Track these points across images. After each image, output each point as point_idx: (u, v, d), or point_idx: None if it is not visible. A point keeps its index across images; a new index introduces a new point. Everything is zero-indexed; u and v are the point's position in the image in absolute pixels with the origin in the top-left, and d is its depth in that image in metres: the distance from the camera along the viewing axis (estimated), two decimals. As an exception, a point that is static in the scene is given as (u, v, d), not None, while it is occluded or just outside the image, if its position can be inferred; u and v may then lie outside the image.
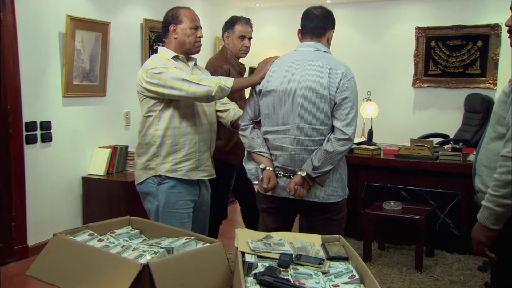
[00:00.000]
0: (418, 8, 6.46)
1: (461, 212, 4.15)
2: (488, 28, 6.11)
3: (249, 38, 3.58)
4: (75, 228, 1.97)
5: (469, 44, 6.20)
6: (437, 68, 6.33)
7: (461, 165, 4.08)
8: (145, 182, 2.62)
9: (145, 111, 2.58)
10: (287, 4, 7.02)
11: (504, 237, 1.85)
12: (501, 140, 1.87)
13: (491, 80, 6.12)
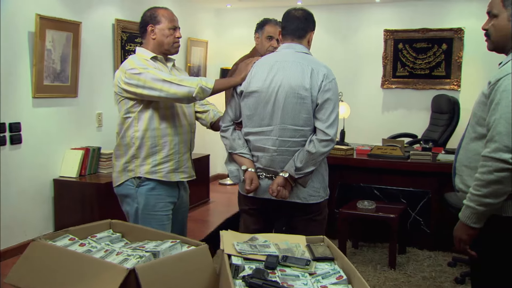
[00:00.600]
0: (386, 12, 6.54)
1: (431, 210, 4.21)
2: (452, 31, 6.24)
3: (277, 39, 3.42)
4: (55, 232, 1.90)
5: (435, 47, 6.31)
6: (405, 69, 6.42)
7: (431, 164, 4.15)
8: (124, 184, 2.54)
9: (124, 112, 2.51)
10: (258, 5, 7.00)
11: (485, 235, 1.87)
12: (480, 141, 1.89)
13: (455, 81, 6.24)
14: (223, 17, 7.33)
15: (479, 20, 6.07)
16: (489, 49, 1.99)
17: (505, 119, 1.73)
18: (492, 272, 1.92)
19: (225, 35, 7.34)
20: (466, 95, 6.10)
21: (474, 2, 6.15)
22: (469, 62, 6.21)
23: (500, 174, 1.75)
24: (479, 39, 6.08)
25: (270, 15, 6.98)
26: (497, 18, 1.90)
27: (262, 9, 7.09)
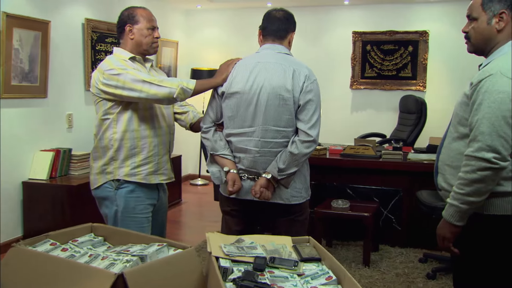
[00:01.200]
0: (355, 14, 6.60)
1: (402, 208, 4.27)
2: (417, 34, 6.35)
3: None
4: (35, 237, 1.80)
5: (401, 49, 6.41)
6: (373, 71, 6.50)
7: (402, 163, 4.20)
8: (102, 187, 2.47)
9: (102, 113, 2.43)
10: (228, 6, 6.96)
11: (467, 233, 1.89)
12: (463, 140, 1.91)
13: (421, 82, 6.35)
14: (193, 18, 7.25)
15: (443, 24, 6.27)
16: (469, 51, 2.02)
17: (488, 119, 1.76)
18: (474, 268, 1.94)
19: (195, 35, 7.27)
20: (432, 95, 6.23)
21: (438, 6, 6.29)
22: (434, 64, 6.34)
23: (483, 173, 1.77)
24: (443, 41, 6.29)
25: (240, 16, 7.05)
26: (476, 21, 1.93)
27: (232, 10, 7.07)
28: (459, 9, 6.18)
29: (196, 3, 6.80)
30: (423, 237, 4.23)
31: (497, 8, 1.87)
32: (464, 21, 5.70)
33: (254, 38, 7.44)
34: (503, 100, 1.74)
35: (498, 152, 1.75)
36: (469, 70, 6.16)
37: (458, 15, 6.23)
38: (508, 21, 1.87)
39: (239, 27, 7.05)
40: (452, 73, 6.28)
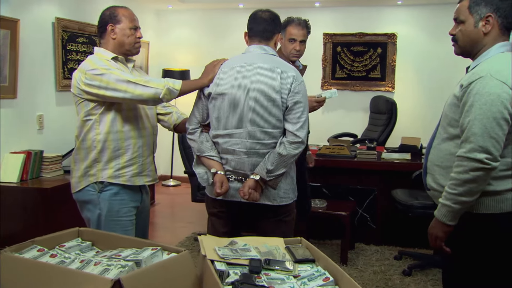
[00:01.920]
0: (326, 16, 6.64)
1: (377, 207, 4.31)
2: (386, 36, 6.45)
3: (300, 41, 3.23)
4: (20, 244, 1.73)
5: (370, 51, 6.49)
6: (343, 72, 6.55)
7: (377, 163, 4.25)
8: (84, 190, 2.39)
9: (83, 114, 2.35)
10: (199, 7, 6.89)
11: (457, 231, 1.91)
12: (452, 141, 1.94)
13: (390, 83, 6.45)
14: (164, 18, 7.15)
15: (410, 27, 6.38)
16: (456, 54, 2.04)
17: (479, 120, 1.78)
18: (465, 266, 1.96)
19: (166, 36, 7.17)
20: (400, 96, 6.33)
21: (405, 10, 6.40)
22: (402, 65, 6.45)
23: (475, 173, 1.79)
24: (410, 44, 6.39)
25: (212, 17, 6.99)
26: (464, 24, 1.95)
27: (203, 11, 7.01)
28: (425, 12, 6.34)
29: (167, 3, 6.71)
30: (397, 235, 4.30)
31: (483, 12, 1.89)
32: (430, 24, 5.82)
33: (225, 39, 7.45)
34: (494, 102, 1.77)
35: (489, 153, 1.78)
36: (436, 71, 6.33)
37: (425, 18, 6.38)
38: (494, 24, 1.90)
39: (210, 28, 6.99)
40: (419, 74, 6.40)
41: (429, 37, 6.36)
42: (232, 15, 6.88)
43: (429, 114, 6.20)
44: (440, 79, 6.27)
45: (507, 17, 1.89)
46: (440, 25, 6.33)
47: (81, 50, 5.27)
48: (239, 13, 6.88)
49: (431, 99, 6.31)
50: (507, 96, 1.77)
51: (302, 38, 3.23)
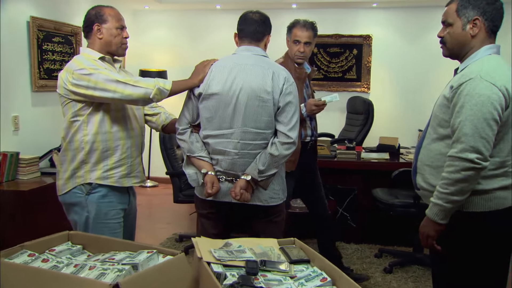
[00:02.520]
0: (302, 17, 6.56)
1: (357, 206, 4.34)
2: (361, 38, 6.52)
3: (304, 42, 3.25)
4: (9, 249, 1.67)
5: (346, 52, 6.55)
6: (320, 72, 6.59)
7: (357, 162, 4.28)
8: (71, 192, 2.32)
9: (71, 115, 2.29)
10: (176, 7, 6.82)
11: (447, 230, 1.94)
12: (442, 141, 1.96)
13: (365, 84, 6.52)
14: (141, 19, 7.05)
15: (385, 29, 6.46)
16: (444, 56, 2.06)
17: (470, 121, 1.80)
18: (455, 264, 1.99)
19: (143, 36, 7.07)
20: (375, 97, 6.39)
21: (380, 12, 6.48)
22: (377, 67, 6.52)
23: (466, 173, 1.82)
24: (385, 45, 6.47)
25: (189, 18, 6.93)
26: (452, 27, 1.97)
27: (181, 11, 6.94)
28: (400, 15, 6.43)
29: (144, 3, 6.62)
30: (377, 233, 4.34)
31: (471, 15, 1.92)
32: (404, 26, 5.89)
33: (203, 39, 7.38)
34: (484, 103, 1.79)
35: (480, 153, 1.80)
36: (410, 73, 6.43)
37: (399, 20, 6.47)
38: (481, 27, 1.93)
39: (188, 28, 6.94)
40: (394, 75, 6.49)
41: (403, 39, 6.45)
42: (209, 15, 6.84)
43: (404, 114, 6.30)
44: (414, 80, 6.38)
45: (493, 20, 1.93)
46: (413, 28, 6.46)
47: (57, 50, 5.15)
48: (216, 14, 6.85)
49: (405, 100, 6.41)
50: (497, 97, 1.80)
51: (306, 40, 3.23)
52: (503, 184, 1.91)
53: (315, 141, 3.50)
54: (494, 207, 1.91)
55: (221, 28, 6.87)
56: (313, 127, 3.40)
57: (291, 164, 3.18)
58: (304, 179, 3.41)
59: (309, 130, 3.36)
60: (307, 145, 3.36)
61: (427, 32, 6.29)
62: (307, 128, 3.33)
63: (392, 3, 6.26)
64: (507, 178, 1.92)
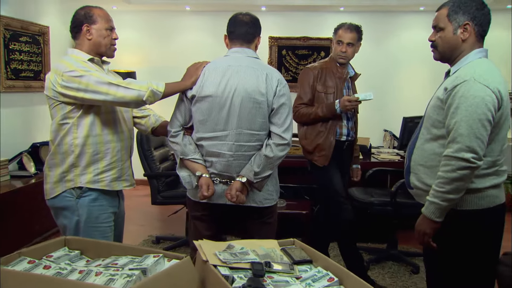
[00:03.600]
0: (271, 19, 6.68)
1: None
2: (329, 40, 6.57)
3: (347, 43, 3.30)
4: (6, 256, 1.59)
5: (314, 54, 6.61)
6: (289, 74, 6.62)
7: (331, 162, 4.31)
8: (61, 196, 2.24)
9: (60, 118, 2.21)
10: (145, 8, 6.70)
11: (443, 228, 1.98)
12: (436, 141, 2.00)
13: (332, 86, 6.58)
14: (109, 19, 6.89)
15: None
16: (435, 59, 2.11)
17: (466, 121, 1.85)
18: (449, 260, 2.03)
19: (110, 36, 6.90)
20: (342, 98, 6.48)
21: (347, 15, 6.55)
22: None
23: (462, 172, 1.86)
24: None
25: (158, 19, 6.83)
26: (443, 31, 2.02)
27: (149, 12, 6.82)
28: (365, 19, 6.51)
29: (112, 4, 6.47)
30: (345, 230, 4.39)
31: (461, 20, 1.98)
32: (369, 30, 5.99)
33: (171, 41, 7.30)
34: (478, 104, 1.84)
35: (475, 152, 1.85)
36: (374, 75, 6.55)
37: (365, 24, 6.52)
38: (471, 32, 1.98)
39: (156, 30, 6.83)
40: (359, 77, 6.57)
41: (368, 42, 6.55)
42: (178, 17, 6.76)
43: (370, 114, 6.41)
44: (378, 81, 6.51)
45: (482, 26, 1.99)
46: (378, 31, 6.59)
47: (24, 50, 4.97)
48: (185, 16, 6.78)
49: (370, 102, 6.51)
50: (490, 99, 1.85)
51: (348, 41, 3.29)
52: (494, 182, 1.96)
53: (353, 142, 3.51)
54: (486, 205, 1.96)
55: (191, 30, 6.81)
56: (350, 127, 3.40)
57: (323, 159, 3.31)
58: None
59: (345, 129, 3.37)
60: (343, 144, 3.40)
61: (391, 36, 6.44)
62: (342, 127, 3.35)
63: (358, 7, 6.37)
64: (498, 176, 1.98)
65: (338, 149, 3.35)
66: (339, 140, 3.36)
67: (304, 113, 3.33)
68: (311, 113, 3.30)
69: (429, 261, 2.17)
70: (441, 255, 2.03)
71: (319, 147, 3.35)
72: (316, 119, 3.31)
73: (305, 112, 3.33)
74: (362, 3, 6.19)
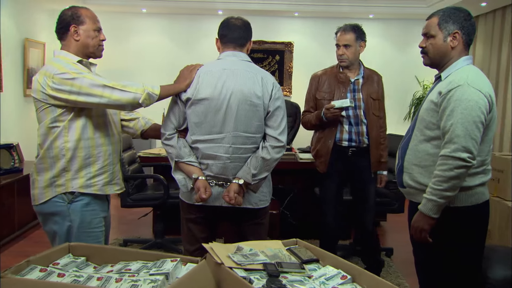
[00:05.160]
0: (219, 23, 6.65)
1: (296, 205, 4.44)
2: (283, 45, 6.68)
3: (344, 45, 3.19)
4: (16, 266, 1.50)
5: (269, 58, 6.68)
6: (245, 77, 6.63)
7: (296, 163, 4.37)
8: (51, 201, 2.12)
9: (49, 121, 2.09)
10: (101, 9, 6.31)
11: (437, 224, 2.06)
12: (429, 142, 2.08)
13: (287, 88, 6.70)
14: (62, 19, 6.61)
15: (305, 36, 6.68)
16: (425, 64, 2.19)
17: (461, 123, 1.93)
18: (440, 253, 2.12)
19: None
20: (297, 101, 6.56)
21: (301, 20, 6.70)
22: (298, 72, 6.73)
23: (459, 170, 1.94)
24: (305, 52, 6.69)
25: (114, 20, 6.65)
26: (434, 38, 2.10)
27: (105, 14, 6.48)
28: (318, 24, 6.68)
29: (65, 3, 6.20)
30: (315, 229, 4.46)
31: (451, 29, 2.07)
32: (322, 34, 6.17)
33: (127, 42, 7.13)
34: (473, 108, 1.93)
35: (471, 152, 1.94)
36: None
37: (318, 29, 6.72)
38: (460, 40, 2.08)
39: (113, 31, 6.58)
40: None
41: (321, 47, 6.71)
42: (134, 19, 6.61)
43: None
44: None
45: (469, 35, 2.09)
46: (329, 36, 6.69)
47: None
48: (142, 18, 6.63)
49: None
50: (483, 102, 1.96)
51: (344, 43, 3.19)
52: (482, 180, 2.07)
53: (364, 148, 3.24)
54: (475, 202, 2.06)
55: (147, 32, 6.66)
56: (354, 132, 3.20)
57: (322, 165, 3.25)
58: (352, 186, 3.43)
59: (346, 135, 3.20)
60: (348, 150, 3.22)
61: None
62: (343, 132, 3.20)
63: (312, 13, 6.48)
64: (485, 175, 2.09)
65: (342, 155, 3.22)
66: (340, 145, 3.22)
67: (306, 120, 3.33)
68: (309, 120, 3.28)
69: (420, 254, 2.25)
70: (434, 249, 2.12)
71: (318, 153, 3.30)
72: (315, 126, 3.28)
73: (306, 120, 3.32)
74: (315, 9, 6.31)
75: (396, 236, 4.79)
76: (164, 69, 6.68)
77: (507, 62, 5.26)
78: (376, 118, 3.26)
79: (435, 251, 2.12)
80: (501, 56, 5.41)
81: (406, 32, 6.70)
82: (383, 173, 3.39)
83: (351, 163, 3.25)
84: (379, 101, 3.28)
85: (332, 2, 6.22)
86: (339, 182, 3.34)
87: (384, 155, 3.33)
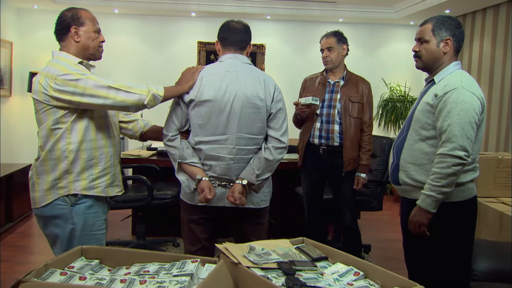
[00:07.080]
0: (200, 25, 6.65)
1: (275, 204, 4.46)
2: (256, 47, 6.71)
3: (326, 48, 3.36)
4: (35, 270, 1.46)
5: (242, 59, 6.68)
6: (218, 79, 6.62)
7: (275, 163, 4.40)
8: (52, 204, 2.05)
9: (51, 122, 2.03)
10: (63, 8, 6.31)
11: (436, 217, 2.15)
12: (424, 142, 2.17)
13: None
14: (29, 18, 6.40)
15: (276, 39, 6.76)
16: (417, 67, 2.27)
17: (458, 124, 2.03)
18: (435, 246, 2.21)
19: (31, 37, 6.43)
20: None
21: (272, 23, 6.76)
22: (270, 73, 6.76)
23: (456, 167, 2.04)
24: (276, 54, 6.76)
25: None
26: (428, 43, 2.20)
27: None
28: (289, 27, 6.77)
29: (33, 3, 6.02)
30: (294, 228, 4.52)
31: (444, 35, 2.18)
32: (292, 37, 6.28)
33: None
34: (468, 109, 2.04)
35: (466, 151, 2.05)
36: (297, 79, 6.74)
37: (289, 32, 6.80)
38: (451, 46, 2.20)
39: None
40: (284, 81, 6.78)
41: (292, 49, 6.80)
42: (106, 19, 6.46)
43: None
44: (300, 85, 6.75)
45: (459, 42, 2.21)
46: (301, 39, 6.83)
47: None
48: (114, 18, 6.51)
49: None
50: (477, 104, 2.07)
51: (326, 46, 3.34)
52: (472, 177, 2.19)
53: (334, 148, 3.32)
54: (467, 197, 2.18)
55: (119, 32, 6.55)
56: (323, 130, 3.32)
57: (300, 160, 3.45)
58: (330, 185, 3.49)
59: (317, 132, 3.36)
60: (318, 149, 3.35)
61: (311, 44, 6.70)
62: (315, 129, 3.37)
63: (284, 16, 6.55)
64: (475, 172, 2.20)
65: (315, 152, 3.37)
66: (313, 142, 3.38)
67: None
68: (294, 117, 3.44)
69: (411, 247, 2.34)
70: (429, 242, 2.20)
71: (297, 148, 3.54)
72: (296, 123, 3.48)
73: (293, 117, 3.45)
74: (287, 12, 6.38)
75: (372, 233, 4.91)
76: (136, 69, 6.59)
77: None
78: (354, 120, 3.33)
79: (429, 244, 2.21)
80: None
81: (374, 36, 6.89)
82: (361, 175, 3.44)
83: (324, 161, 3.37)
84: (361, 105, 3.36)
85: (304, 6, 6.31)
86: (315, 179, 3.46)
87: (364, 158, 3.38)
